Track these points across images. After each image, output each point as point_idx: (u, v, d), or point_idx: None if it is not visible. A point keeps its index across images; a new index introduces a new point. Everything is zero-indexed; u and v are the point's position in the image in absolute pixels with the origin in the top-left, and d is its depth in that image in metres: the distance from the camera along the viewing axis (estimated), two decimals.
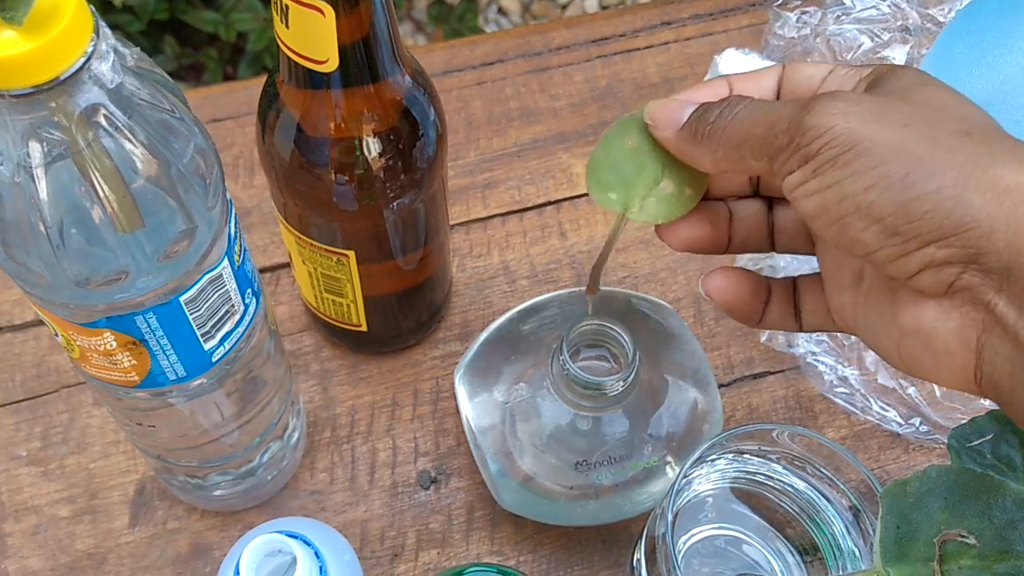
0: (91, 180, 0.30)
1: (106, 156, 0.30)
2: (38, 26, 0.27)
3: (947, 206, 0.29)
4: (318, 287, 0.52)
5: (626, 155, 0.38)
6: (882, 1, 0.60)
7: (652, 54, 0.68)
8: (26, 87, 0.27)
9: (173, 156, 0.32)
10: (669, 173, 0.37)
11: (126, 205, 0.31)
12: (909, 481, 0.38)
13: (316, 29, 0.38)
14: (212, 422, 0.44)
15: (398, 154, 0.45)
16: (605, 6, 1.68)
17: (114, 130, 0.30)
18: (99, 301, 0.33)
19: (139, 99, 0.31)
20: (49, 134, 0.29)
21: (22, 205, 0.30)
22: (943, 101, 0.31)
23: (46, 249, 0.31)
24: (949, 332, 0.31)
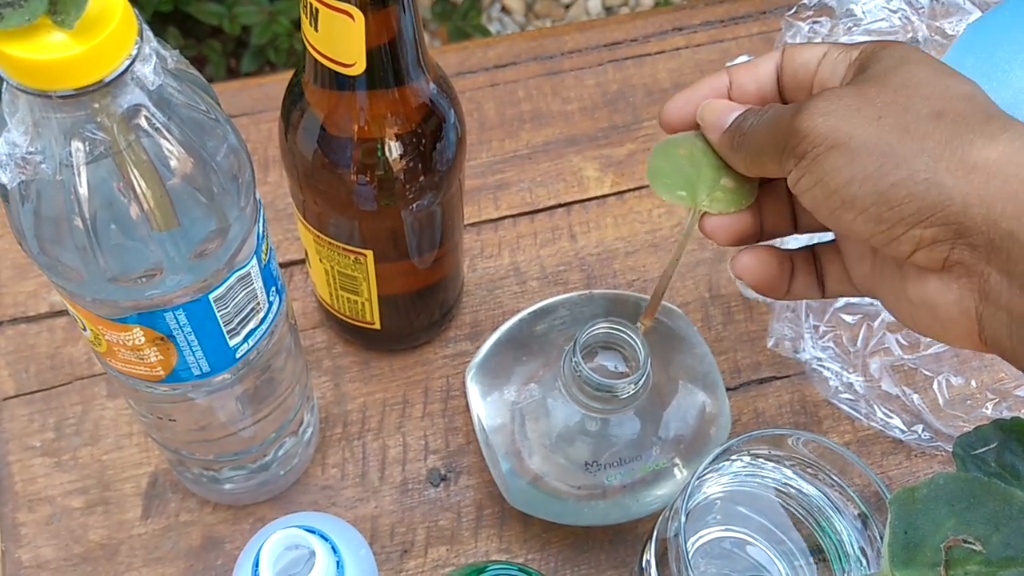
0: (130, 179, 0.30)
1: (145, 155, 0.30)
2: (87, 29, 0.27)
3: (921, 189, 0.31)
4: (334, 285, 0.52)
5: (683, 161, 0.42)
6: (892, 13, 0.61)
7: (663, 60, 0.69)
8: (73, 88, 0.28)
9: (208, 156, 0.32)
10: (725, 172, 0.41)
11: (162, 204, 0.31)
12: (917, 487, 0.39)
13: (345, 33, 0.39)
14: (231, 417, 0.44)
15: (419, 157, 0.45)
16: (608, 7, 1.69)
17: (153, 130, 0.30)
18: (131, 297, 0.34)
19: (177, 100, 0.31)
20: (92, 134, 0.29)
21: (62, 202, 0.30)
22: (919, 80, 0.33)
23: (83, 245, 0.31)
24: (950, 303, 0.32)
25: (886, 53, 0.35)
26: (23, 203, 0.31)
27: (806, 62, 0.37)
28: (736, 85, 0.39)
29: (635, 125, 0.66)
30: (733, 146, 0.38)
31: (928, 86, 0.33)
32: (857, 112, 0.32)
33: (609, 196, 0.64)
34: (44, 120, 0.29)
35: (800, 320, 0.58)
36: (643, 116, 0.67)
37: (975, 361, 0.58)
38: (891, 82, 0.33)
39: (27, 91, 0.28)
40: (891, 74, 0.33)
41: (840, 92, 0.33)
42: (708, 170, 0.41)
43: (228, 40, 1.33)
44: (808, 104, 0.33)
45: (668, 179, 0.42)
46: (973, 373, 0.57)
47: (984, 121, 0.31)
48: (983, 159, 0.30)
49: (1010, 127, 0.31)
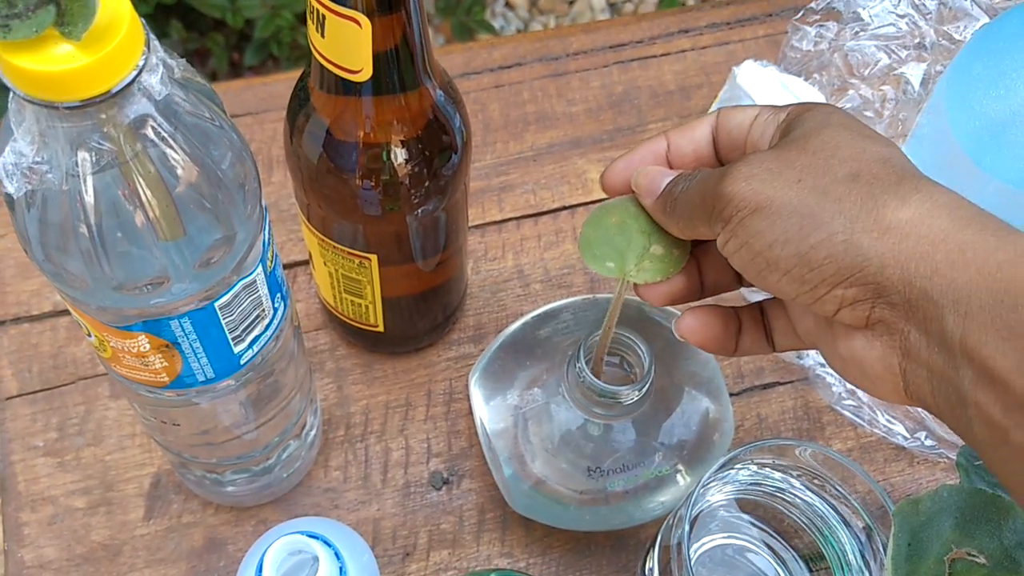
0: (136, 188, 0.30)
1: (151, 165, 0.30)
2: (94, 41, 0.27)
3: (840, 251, 0.32)
4: (338, 287, 0.52)
5: (614, 230, 0.42)
6: (900, 18, 0.61)
7: (669, 62, 0.69)
8: (80, 99, 0.28)
9: (214, 165, 0.32)
10: (656, 239, 0.42)
11: (168, 213, 0.31)
12: (921, 500, 0.39)
13: (352, 39, 0.39)
14: (234, 421, 0.44)
15: (424, 163, 0.45)
16: (612, 3, 1.68)
17: (160, 140, 0.30)
18: (136, 305, 0.34)
19: (184, 110, 0.31)
20: (98, 144, 0.29)
21: (68, 211, 0.30)
22: (837, 142, 0.34)
23: (88, 254, 0.31)
24: (875, 359, 0.33)
25: (809, 116, 0.35)
26: (29, 211, 0.31)
27: (739, 124, 0.38)
28: (674, 148, 0.40)
29: (640, 127, 0.66)
30: (666, 211, 0.39)
31: (846, 148, 0.33)
32: (778, 175, 0.33)
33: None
34: (50, 130, 0.29)
35: None
36: (648, 118, 0.67)
37: None
38: (811, 145, 0.34)
39: (34, 102, 0.28)
40: (811, 137, 0.34)
41: (762, 156, 0.34)
42: (638, 238, 0.42)
43: (231, 33, 1.32)
44: (732, 169, 0.34)
45: (598, 250, 0.43)
46: None
47: (897, 182, 0.32)
48: (896, 220, 0.31)
49: (922, 188, 0.32)
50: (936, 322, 0.31)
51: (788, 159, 0.34)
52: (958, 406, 0.31)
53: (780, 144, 0.35)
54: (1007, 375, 0.29)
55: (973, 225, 0.31)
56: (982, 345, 0.29)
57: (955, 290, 0.30)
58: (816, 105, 0.36)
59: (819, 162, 0.33)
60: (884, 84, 0.61)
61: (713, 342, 0.41)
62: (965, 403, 0.30)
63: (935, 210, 0.31)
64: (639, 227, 0.42)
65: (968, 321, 0.30)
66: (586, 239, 0.43)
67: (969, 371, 0.30)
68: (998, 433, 0.30)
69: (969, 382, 0.30)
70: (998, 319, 0.29)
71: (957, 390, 0.31)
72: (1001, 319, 0.29)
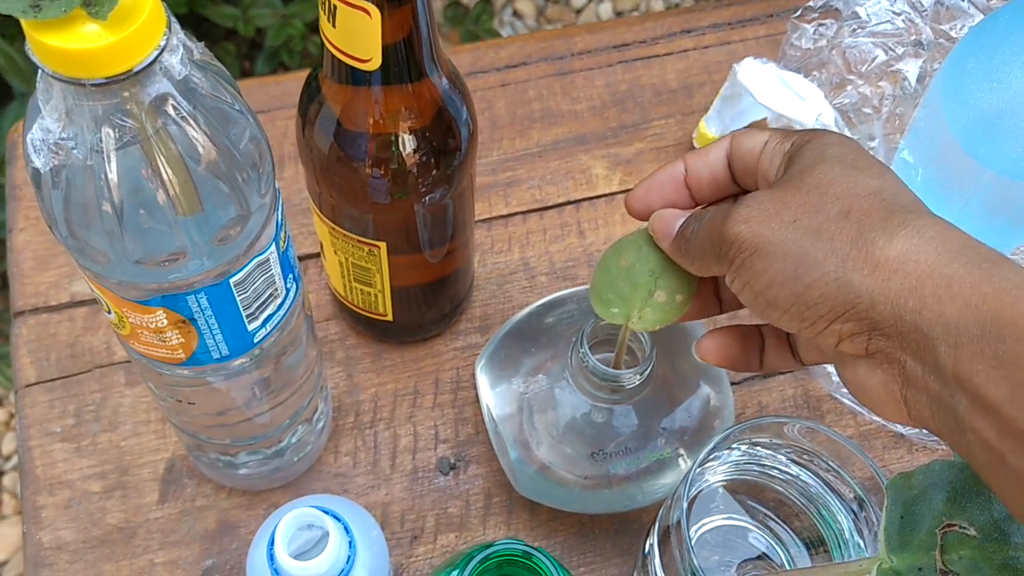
0: (156, 165, 0.32)
1: (172, 143, 0.32)
2: (119, 21, 0.29)
3: (833, 289, 0.33)
4: (348, 276, 0.54)
5: (622, 274, 0.45)
6: (896, 16, 0.62)
7: (672, 61, 0.70)
8: (105, 77, 0.29)
9: (231, 145, 0.34)
10: (661, 284, 0.44)
11: (187, 189, 0.33)
12: (913, 474, 0.40)
13: (362, 29, 0.40)
14: (248, 402, 0.46)
15: (432, 151, 0.47)
16: (619, 12, 1.70)
17: (180, 119, 0.32)
18: (155, 280, 0.35)
19: (202, 90, 0.33)
20: (121, 121, 0.31)
21: (92, 186, 0.32)
22: (831, 178, 0.35)
23: (110, 228, 0.33)
24: (878, 385, 0.35)
25: (808, 149, 0.37)
26: (54, 187, 0.32)
27: (751, 149, 0.40)
28: (691, 171, 0.42)
29: (643, 125, 0.68)
30: (681, 252, 0.40)
31: (838, 184, 0.35)
32: (775, 216, 0.35)
33: (617, 194, 0.65)
34: (77, 107, 0.30)
35: None
36: (651, 116, 0.68)
37: None
38: (806, 183, 0.35)
39: (61, 79, 0.29)
40: (807, 174, 0.36)
41: (760, 197, 0.36)
42: (644, 283, 0.44)
43: (242, 42, 1.34)
44: (733, 211, 0.36)
45: (604, 295, 0.45)
46: None
47: (885, 218, 0.34)
48: (884, 257, 0.33)
49: (910, 223, 0.33)
50: (929, 352, 0.32)
51: (784, 199, 0.35)
52: (957, 430, 0.32)
53: (778, 183, 0.37)
54: (999, 403, 0.30)
55: (959, 258, 0.32)
56: (973, 374, 0.31)
57: (944, 323, 0.31)
58: (816, 135, 0.38)
59: (813, 200, 0.35)
60: (882, 80, 0.63)
61: (734, 361, 0.42)
62: (963, 428, 0.32)
63: (922, 245, 0.33)
64: (648, 268, 0.44)
65: (959, 352, 0.31)
66: (595, 284, 0.46)
67: (964, 399, 0.31)
68: (995, 457, 0.31)
69: (965, 409, 0.31)
70: (987, 350, 0.30)
71: (955, 415, 0.32)
72: (990, 349, 0.30)
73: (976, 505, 0.39)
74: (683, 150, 0.67)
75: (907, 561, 0.39)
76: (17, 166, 0.65)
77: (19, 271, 0.61)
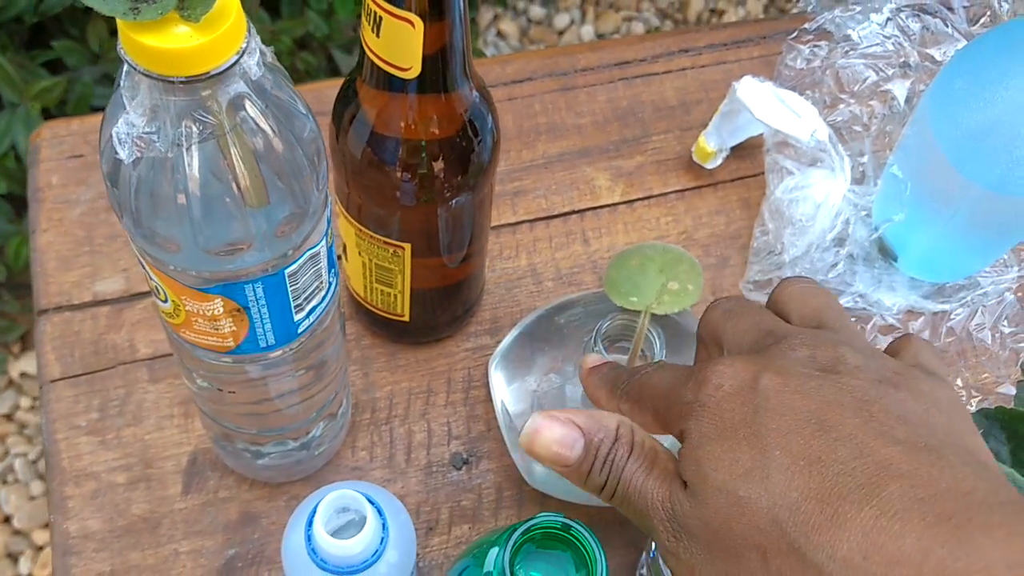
0: (231, 159, 0.34)
1: (245, 138, 0.34)
2: (207, 24, 0.31)
3: None
4: (370, 277, 0.56)
5: (634, 271, 0.53)
6: (887, 39, 0.66)
7: (670, 79, 0.73)
8: (192, 75, 0.32)
9: (295, 142, 0.36)
10: (672, 276, 0.52)
11: (256, 183, 0.35)
12: None
13: (404, 39, 0.43)
14: (283, 392, 0.48)
15: (460, 157, 0.49)
16: (600, 34, 1.74)
17: (253, 116, 0.34)
18: (219, 268, 0.37)
19: (271, 90, 0.35)
20: (202, 117, 0.33)
21: (170, 177, 0.34)
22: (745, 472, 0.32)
23: (185, 218, 0.35)
24: None
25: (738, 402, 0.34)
26: (132, 179, 0.34)
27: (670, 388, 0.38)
28: None
29: (644, 139, 0.71)
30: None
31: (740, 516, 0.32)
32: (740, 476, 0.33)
33: (620, 204, 0.68)
34: (161, 103, 0.33)
35: None
36: (651, 131, 0.71)
37: (961, 361, 0.62)
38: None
39: (152, 76, 0.32)
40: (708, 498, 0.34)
41: None
42: (656, 277, 0.52)
43: None
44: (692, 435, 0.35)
45: (622, 288, 0.52)
46: (959, 373, 0.62)
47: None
48: None
49: None
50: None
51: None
52: None
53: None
54: None
55: None
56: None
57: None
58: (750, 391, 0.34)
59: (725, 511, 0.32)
60: (872, 100, 0.66)
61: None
62: None
63: None
64: (656, 267, 0.53)
65: None
66: (611, 279, 0.53)
67: None
68: None
69: None
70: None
71: None
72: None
73: None
74: (682, 163, 0.70)
75: None
76: (40, 169, 0.66)
77: (42, 271, 0.63)
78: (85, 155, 0.67)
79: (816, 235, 0.62)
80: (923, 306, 0.63)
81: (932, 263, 0.64)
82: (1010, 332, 0.63)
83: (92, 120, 0.69)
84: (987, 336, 0.62)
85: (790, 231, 0.62)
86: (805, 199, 0.62)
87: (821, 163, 0.63)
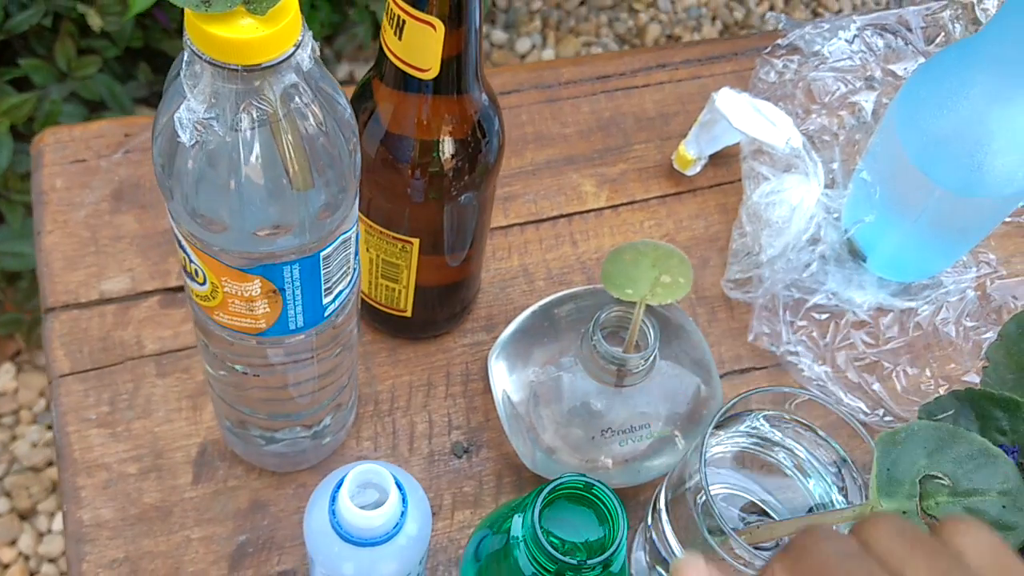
0: (281, 144, 0.37)
1: (295, 125, 0.37)
2: (269, 18, 0.34)
3: None
4: (375, 273, 0.59)
5: (628, 266, 0.56)
6: (854, 54, 0.70)
7: (649, 92, 0.77)
8: (256, 64, 0.34)
9: (338, 130, 0.39)
10: (664, 269, 0.56)
11: (303, 168, 0.38)
12: (897, 432, 0.47)
13: (425, 41, 0.46)
14: (302, 378, 0.50)
15: (467, 156, 0.52)
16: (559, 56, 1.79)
17: (303, 105, 0.37)
18: (263, 249, 0.40)
19: (319, 81, 0.38)
20: (258, 103, 0.36)
21: (227, 160, 0.37)
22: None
23: (236, 198, 0.37)
24: None
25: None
26: (189, 161, 0.37)
27: None
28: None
29: (626, 148, 0.75)
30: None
31: None
32: None
33: (605, 209, 0.72)
34: (222, 90, 0.35)
35: (777, 318, 0.66)
36: (633, 140, 0.75)
37: (928, 354, 0.67)
38: None
39: (216, 64, 0.34)
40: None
41: None
42: (649, 270, 0.56)
43: None
44: None
45: (617, 280, 0.55)
46: (927, 364, 0.66)
47: None
48: None
49: None
50: None
51: None
52: None
53: None
54: None
55: None
56: None
57: None
58: None
59: None
60: (841, 110, 0.71)
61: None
62: None
63: None
64: (649, 261, 0.56)
65: None
66: (607, 273, 0.56)
67: None
68: None
69: None
70: None
71: None
72: None
73: (949, 459, 0.46)
74: (663, 171, 0.74)
75: (894, 506, 0.46)
76: (44, 173, 0.68)
77: (48, 271, 0.65)
78: (87, 160, 0.69)
79: (792, 236, 0.66)
80: (891, 303, 0.68)
81: (899, 263, 0.69)
82: (972, 326, 0.67)
83: (93, 127, 0.71)
84: (952, 330, 0.67)
85: (767, 233, 0.66)
86: (781, 202, 0.66)
87: (795, 169, 0.67)
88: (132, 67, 1.36)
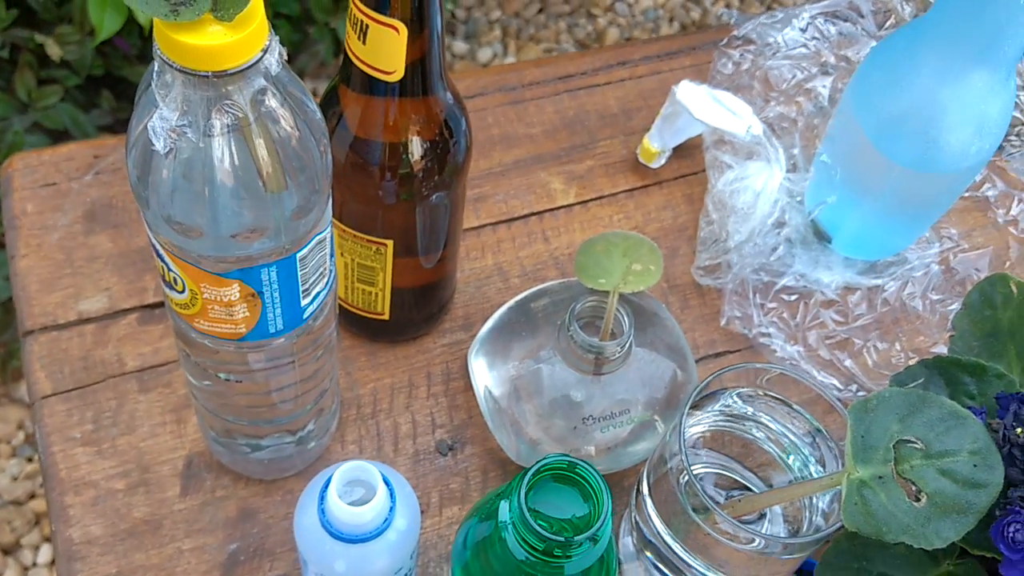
0: (253, 148, 0.38)
1: (266, 129, 0.38)
2: (237, 24, 0.35)
3: None
4: (351, 277, 0.60)
5: (600, 256, 0.58)
6: (808, 42, 0.72)
7: (611, 89, 0.79)
8: (225, 69, 0.35)
9: (309, 133, 0.40)
10: (635, 258, 0.58)
11: (276, 170, 0.39)
12: (869, 400, 0.48)
13: (389, 44, 0.47)
14: (284, 383, 0.51)
15: (436, 156, 0.53)
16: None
17: (273, 108, 0.38)
18: (239, 252, 0.41)
19: (287, 85, 0.39)
20: (229, 108, 0.37)
21: (200, 166, 0.37)
22: None
23: (211, 203, 0.38)
24: None
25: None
26: (164, 169, 0.38)
27: None
28: None
29: (591, 144, 0.76)
30: None
31: None
32: None
33: (575, 205, 0.73)
34: (193, 97, 0.36)
35: (748, 301, 0.68)
36: (598, 137, 0.76)
37: (897, 328, 0.68)
38: None
39: (187, 71, 0.35)
40: None
41: None
42: (620, 260, 0.58)
43: None
44: None
45: (591, 271, 0.57)
46: (896, 338, 0.67)
47: None
48: None
49: None
50: None
51: None
52: None
53: None
54: None
55: None
56: None
57: None
58: None
59: None
60: (799, 97, 0.73)
61: None
62: None
63: None
64: (620, 251, 0.58)
65: None
66: (580, 264, 0.58)
67: None
68: None
69: None
70: None
71: None
72: None
73: (920, 423, 0.48)
74: (628, 165, 0.75)
75: (869, 472, 0.47)
76: (14, 198, 0.68)
77: (25, 294, 0.65)
78: (58, 183, 0.70)
79: (758, 221, 0.67)
80: (858, 282, 0.69)
81: (863, 242, 0.70)
82: (938, 299, 0.69)
83: (62, 150, 0.71)
84: (919, 304, 0.68)
85: (733, 219, 0.68)
86: (745, 189, 0.68)
87: (757, 156, 0.68)
88: (95, 95, 1.36)
